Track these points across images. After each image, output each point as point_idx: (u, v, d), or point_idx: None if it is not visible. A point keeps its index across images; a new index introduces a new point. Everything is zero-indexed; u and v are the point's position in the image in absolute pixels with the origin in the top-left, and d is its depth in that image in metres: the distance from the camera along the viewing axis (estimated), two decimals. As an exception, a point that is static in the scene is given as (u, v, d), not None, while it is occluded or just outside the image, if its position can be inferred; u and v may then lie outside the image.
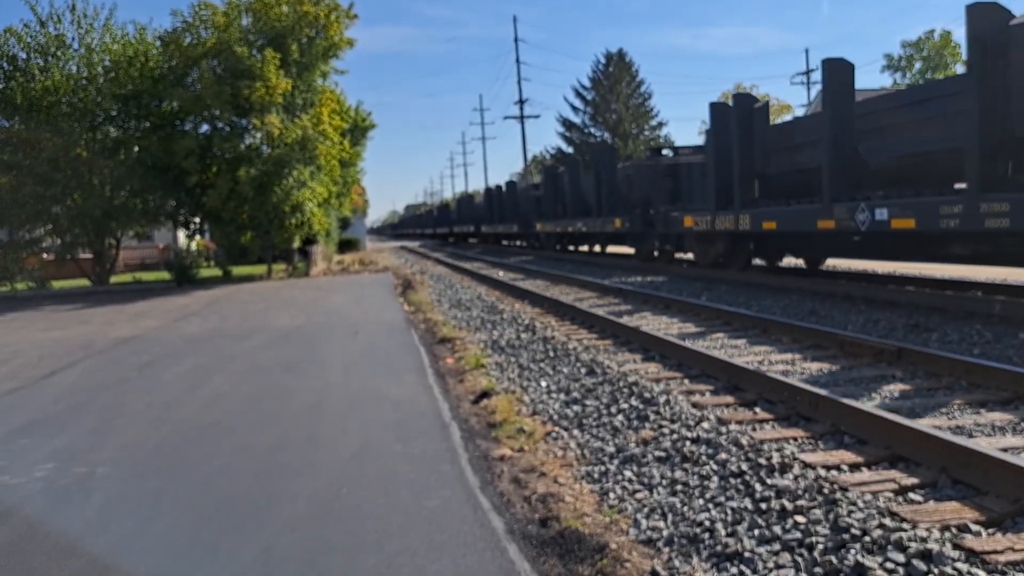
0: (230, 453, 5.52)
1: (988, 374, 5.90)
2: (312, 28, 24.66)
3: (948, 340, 7.93)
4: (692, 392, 6.23)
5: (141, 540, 4.02)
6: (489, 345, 9.41)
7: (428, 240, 70.45)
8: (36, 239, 24.51)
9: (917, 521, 3.47)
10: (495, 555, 3.65)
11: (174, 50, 24.03)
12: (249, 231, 25.70)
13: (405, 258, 37.09)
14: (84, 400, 7.73)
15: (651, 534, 3.75)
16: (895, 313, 9.64)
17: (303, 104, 25.09)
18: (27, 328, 14.70)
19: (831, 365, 7.00)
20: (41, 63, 23.26)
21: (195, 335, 12.32)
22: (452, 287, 17.99)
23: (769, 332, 8.74)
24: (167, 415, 6.83)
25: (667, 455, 4.73)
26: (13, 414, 7.21)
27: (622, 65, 65.34)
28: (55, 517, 4.42)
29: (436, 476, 4.77)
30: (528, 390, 6.93)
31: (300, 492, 4.62)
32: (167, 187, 24.85)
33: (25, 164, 23.07)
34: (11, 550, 3.97)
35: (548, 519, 4.02)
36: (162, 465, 5.32)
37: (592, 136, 64.32)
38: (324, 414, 6.58)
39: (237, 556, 3.76)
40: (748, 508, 3.82)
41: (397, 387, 7.41)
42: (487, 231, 42.70)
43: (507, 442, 5.38)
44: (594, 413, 5.88)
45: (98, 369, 9.57)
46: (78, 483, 4.99)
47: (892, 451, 4.41)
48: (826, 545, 3.32)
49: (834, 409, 5.03)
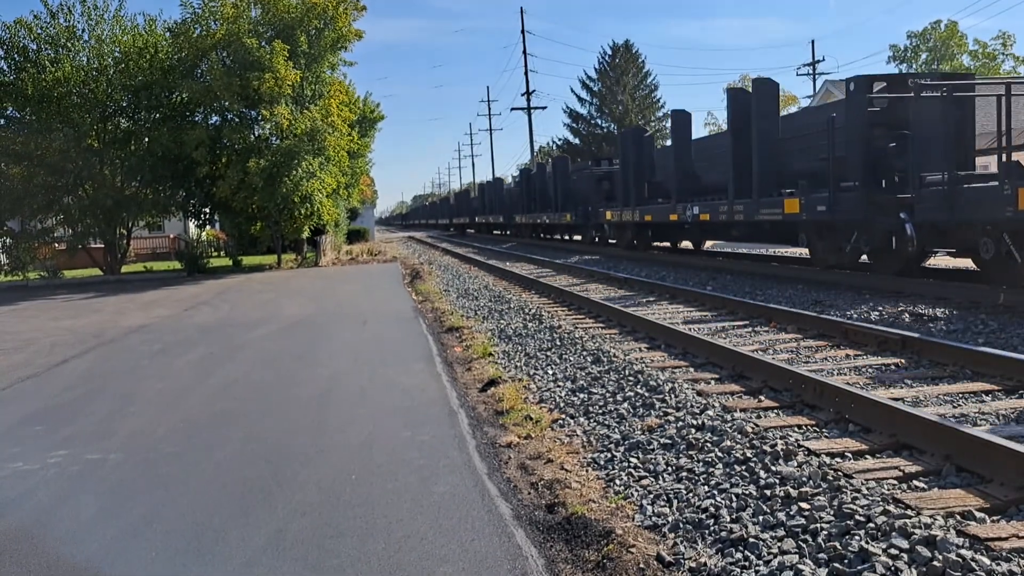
0: (241, 440, 5.59)
1: (993, 363, 5.91)
2: (320, 20, 24.71)
3: (953, 329, 7.93)
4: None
5: (153, 525, 4.08)
6: (496, 334, 9.46)
7: (435, 230, 70.85)
8: (48, 229, 24.71)
9: (921, 508, 3.49)
10: (502, 540, 3.70)
11: (183, 41, 24.13)
12: (259, 221, 25.86)
13: (413, 248, 37.18)
14: (96, 388, 7.82)
15: (656, 520, 3.78)
16: (900, 302, 9.64)
17: (312, 95, 25.17)
18: (39, 317, 14.83)
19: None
20: (52, 54, 23.37)
21: (206, 324, 12.41)
22: (459, 276, 18.05)
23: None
24: (178, 402, 6.90)
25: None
26: (27, 401, 7.30)
27: (628, 56, 65.06)
28: (68, 503, 4.49)
29: (444, 462, 4.82)
30: (535, 378, 6.98)
31: (310, 478, 4.68)
32: (177, 177, 25.01)
33: (37, 155, 23.21)
34: (26, 535, 4.04)
35: (555, 505, 4.07)
36: (173, 452, 5.39)
37: (599, 127, 64.19)
38: (333, 402, 6.64)
39: (248, 540, 3.81)
40: (752, 495, 3.86)
41: (406, 375, 7.46)
42: (480, 221, 49.49)
43: (514, 429, 5.42)
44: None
45: (110, 357, 9.66)
46: (91, 469, 5.07)
47: (897, 439, 4.43)
48: (830, 531, 3.35)
49: (839, 397, 5.05)
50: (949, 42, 56.93)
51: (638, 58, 65.38)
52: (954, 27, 56.95)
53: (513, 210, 39.17)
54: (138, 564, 3.62)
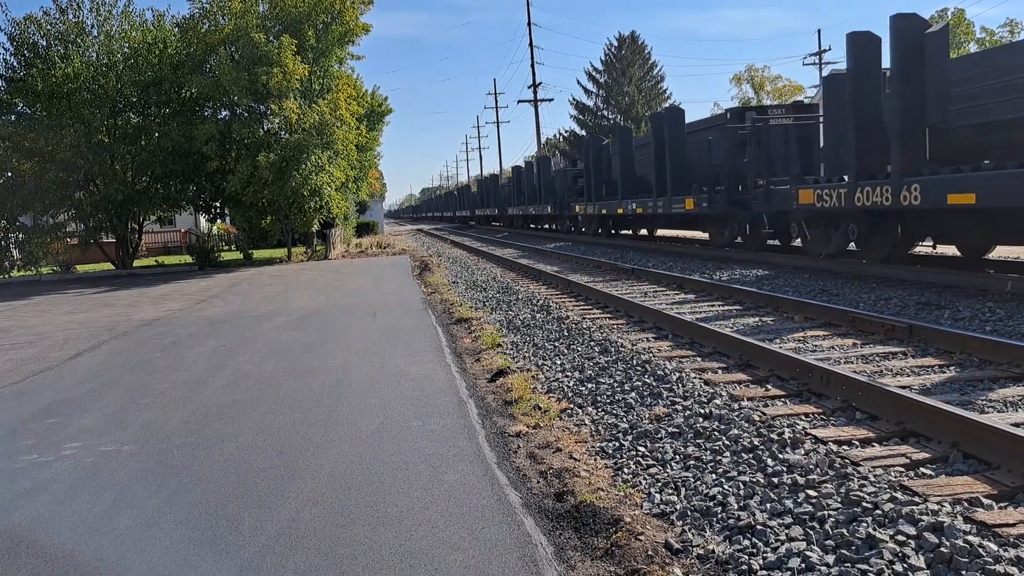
0: (253, 431, 5.64)
1: (1000, 350, 5.90)
2: (328, 14, 24.75)
3: (960, 317, 7.92)
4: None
5: (167, 515, 4.13)
6: (505, 325, 9.49)
7: (441, 223, 71.97)
8: (60, 224, 24.87)
9: (928, 495, 3.51)
10: (512, 528, 3.73)
11: (192, 37, 24.22)
12: (269, 215, 25.96)
13: (422, 241, 37.24)
14: (109, 380, 7.89)
15: (664, 508, 3.81)
16: (907, 291, 9.62)
17: (320, 89, 25.22)
18: (52, 311, 14.95)
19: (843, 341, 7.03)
20: (61, 50, 23.49)
21: (217, 317, 12.49)
22: (468, 268, 18.08)
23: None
24: (190, 394, 6.97)
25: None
26: (41, 394, 7.38)
27: (635, 47, 64.85)
28: (83, 494, 4.55)
29: (454, 452, 4.86)
30: (544, 368, 7.01)
31: (322, 468, 4.73)
32: (188, 172, 25.13)
33: (48, 151, 23.35)
34: (42, 526, 4.11)
35: (563, 493, 4.10)
36: (186, 443, 5.44)
37: (605, 119, 64.04)
38: (344, 392, 6.69)
39: (261, 529, 3.86)
40: (760, 482, 3.88)
41: (415, 366, 7.51)
42: (479, 214, 55.34)
43: (523, 419, 5.46)
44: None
45: (122, 350, 9.74)
46: (104, 461, 5.13)
47: (904, 426, 4.44)
48: (837, 518, 3.37)
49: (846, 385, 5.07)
50: (956, 30, 56.37)
51: (644, 49, 65.19)
52: (961, 15, 56.40)
53: (507, 203, 44.78)
54: (153, 554, 3.67)
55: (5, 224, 24.17)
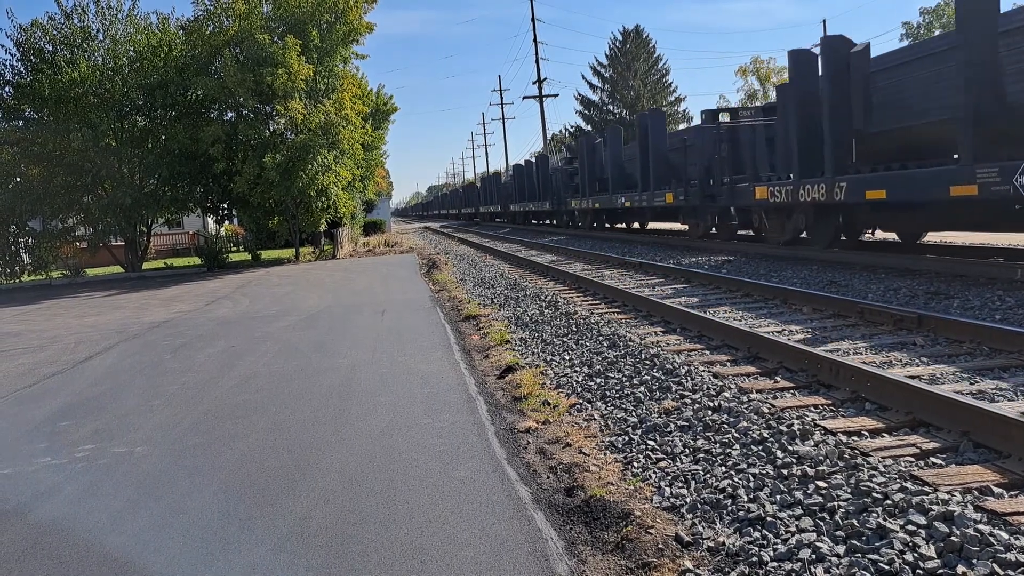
0: (264, 430, 5.67)
1: (1010, 338, 5.88)
2: (331, 14, 24.77)
3: (970, 306, 7.89)
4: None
5: (180, 515, 4.16)
6: (513, 321, 9.50)
7: (447, 220, 72.74)
8: (69, 228, 25.00)
9: (938, 484, 3.50)
10: (522, 523, 3.74)
11: (197, 39, 24.28)
12: (276, 215, 26.03)
13: (429, 239, 37.29)
14: (120, 383, 7.94)
15: (674, 501, 3.81)
16: (916, 281, 9.58)
17: (325, 89, 25.24)
18: (63, 315, 15.04)
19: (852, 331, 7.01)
20: (67, 55, 23.59)
21: (227, 317, 12.54)
22: (475, 265, 18.10)
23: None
24: (201, 395, 7.00)
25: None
26: (53, 397, 7.43)
27: (639, 41, 64.75)
28: (96, 496, 4.58)
29: (464, 448, 4.88)
30: (552, 364, 7.02)
31: (332, 466, 4.75)
32: (195, 174, 25.22)
33: (55, 155, 23.47)
34: (56, 528, 4.14)
35: (573, 488, 4.11)
36: (198, 443, 5.48)
37: (611, 113, 63.98)
38: (354, 391, 6.71)
39: (274, 528, 3.89)
40: (770, 474, 3.88)
41: (424, 364, 7.53)
42: (483, 211, 57.48)
43: (532, 414, 5.47)
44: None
45: (133, 352, 9.80)
46: (117, 462, 5.17)
47: (914, 417, 4.43)
48: (848, 509, 3.37)
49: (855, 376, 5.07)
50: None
51: (649, 43, 65.09)
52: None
53: (509, 200, 46.44)
54: (166, 554, 3.70)
55: (15, 229, 24.31)
